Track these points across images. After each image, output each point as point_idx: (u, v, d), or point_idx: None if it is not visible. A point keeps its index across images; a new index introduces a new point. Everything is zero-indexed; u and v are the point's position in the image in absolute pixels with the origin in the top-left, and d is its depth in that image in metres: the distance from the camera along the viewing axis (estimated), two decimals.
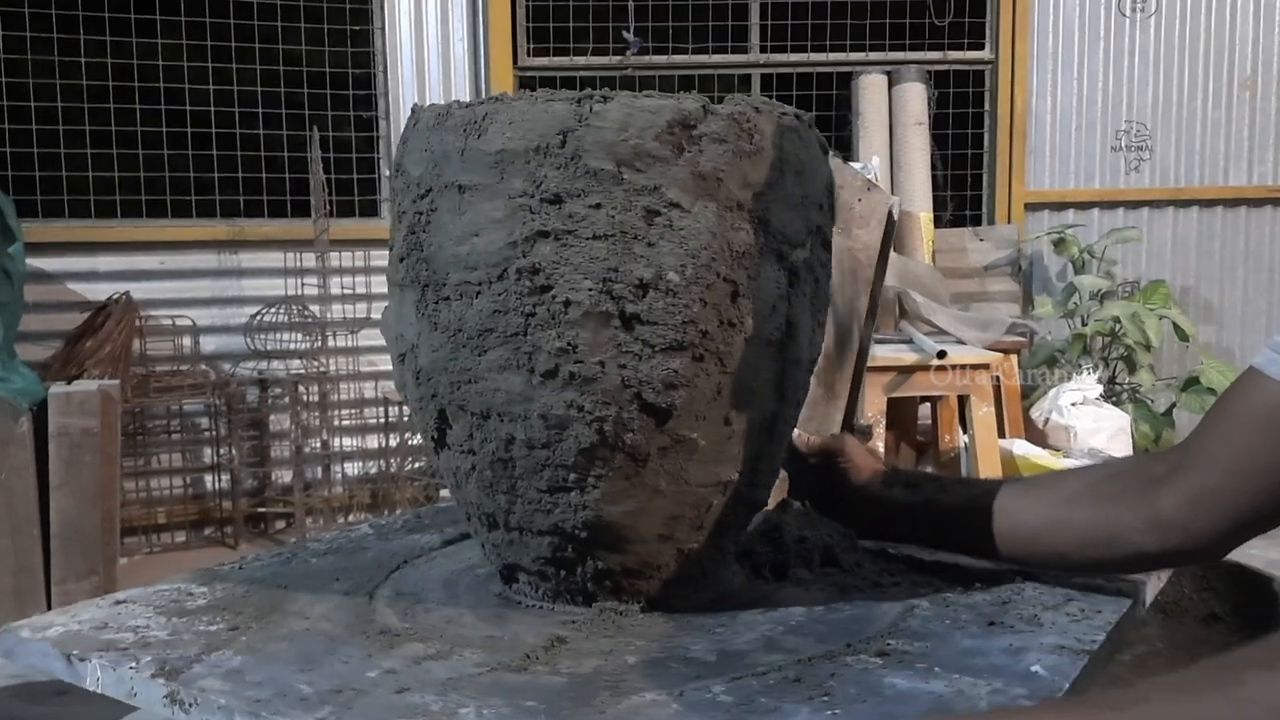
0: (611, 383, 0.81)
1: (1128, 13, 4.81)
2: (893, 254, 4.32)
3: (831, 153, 1.52)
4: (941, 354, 3.33)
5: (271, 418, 4.33)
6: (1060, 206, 4.86)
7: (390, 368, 1.00)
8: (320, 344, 4.23)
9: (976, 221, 4.93)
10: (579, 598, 0.91)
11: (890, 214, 1.46)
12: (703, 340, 0.82)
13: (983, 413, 3.34)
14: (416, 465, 4.21)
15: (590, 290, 0.80)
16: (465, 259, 0.83)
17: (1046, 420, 4.10)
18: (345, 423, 4.37)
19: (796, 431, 1.04)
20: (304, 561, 1.05)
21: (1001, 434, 3.76)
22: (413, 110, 0.90)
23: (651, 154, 0.80)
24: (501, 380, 0.83)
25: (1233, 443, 0.79)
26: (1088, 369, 4.24)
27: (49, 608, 3.26)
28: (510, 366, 0.83)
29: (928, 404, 3.96)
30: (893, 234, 1.45)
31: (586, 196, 0.80)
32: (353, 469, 4.44)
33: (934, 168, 4.72)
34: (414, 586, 0.97)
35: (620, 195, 0.80)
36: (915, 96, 4.65)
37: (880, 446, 3.32)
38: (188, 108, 4.28)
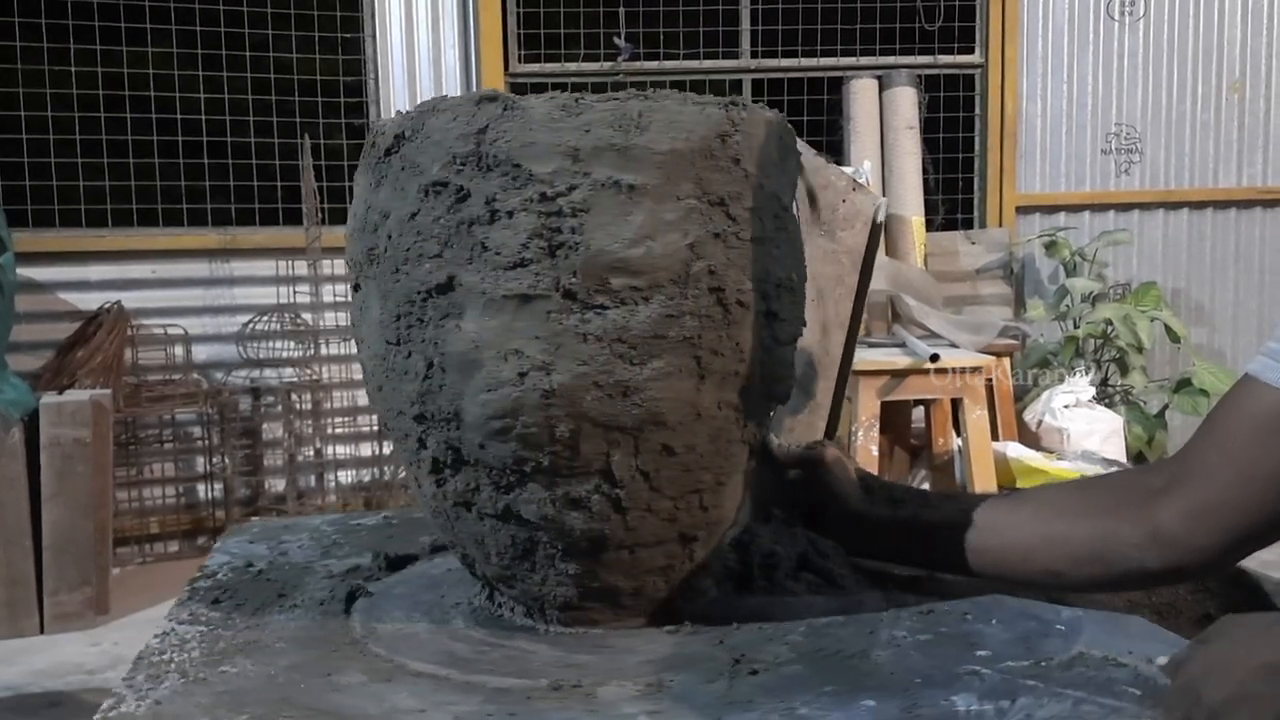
0: (757, 379, 0.85)
1: (1116, 16, 4.83)
2: (885, 258, 4.35)
3: (816, 153, 1.51)
4: (934, 357, 3.33)
5: (264, 426, 4.32)
6: (1051, 209, 4.87)
7: None
8: (313, 352, 4.22)
9: (968, 225, 4.94)
10: (654, 611, 0.89)
11: (876, 216, 1.42)
12: (800, 334, 0.90)
13: (976, 416, 3.35)
14: None
15: (752, 291, 0.83)
16: (636, 263, 0.79)
17: (1040, 423, 4.11)
18: (338, 430, 4.36)
19: (776, 441, 1.01)
20: (217, 673, 0.81)
21: (995, 437, 3.77)
22: (496, 98, 0.81)
23: (773, 162, 0.86)
24: (667, 388, 0.81)
25: (1231, 453, 0.77)
26: (1080, 371, 4.26)
27: (41, 619, 3.24)
28: (678, 373, 0.81)
29: (921, 407, 3.97)
30: (879, 237, 1.40)
31: (743, 200, 0.82)
32: (346, 477, 4.42)
33: (925, 171, 4.73)
34: (430, 654, 0.84)
35: (763, 200, 0.84)
36: (906, 100, 4.66)
37: (874, 450, 3.33)
38: (178, 116, 4.27)
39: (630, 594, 0.88)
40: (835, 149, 4.74)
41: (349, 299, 1.01)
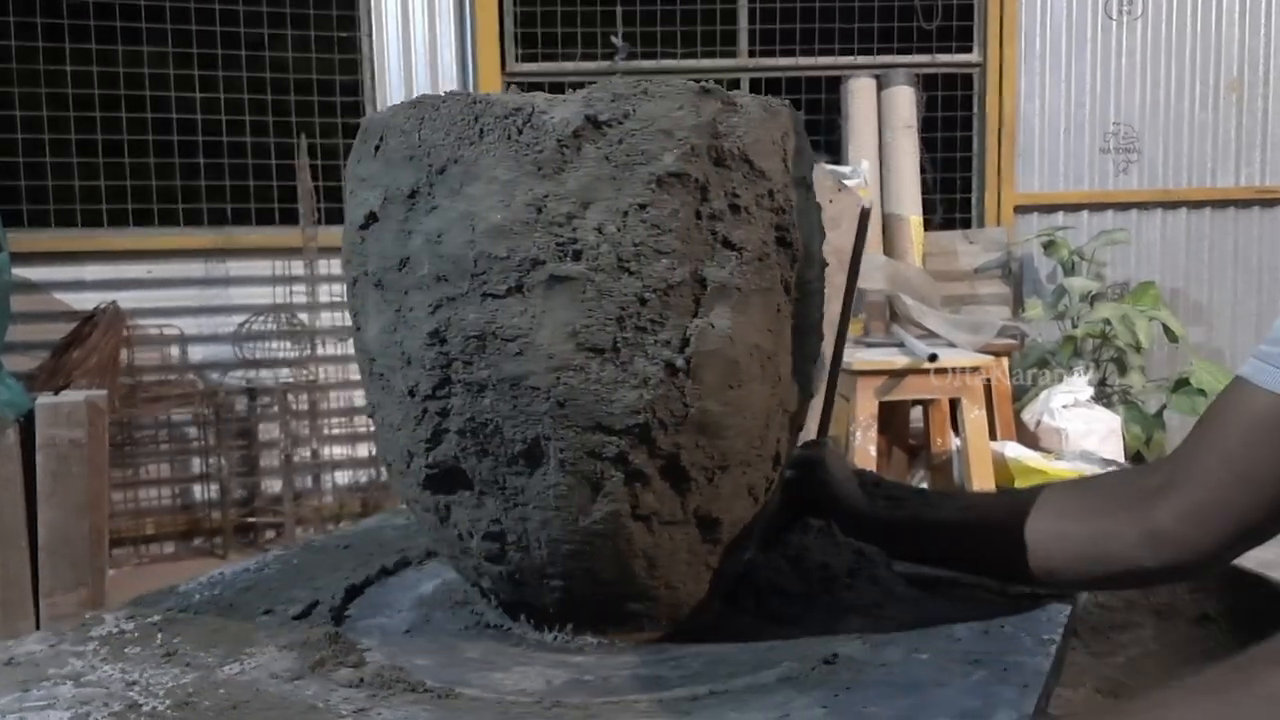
0: None
1: (1114, 15, 4.83)
2: (883, 257, 4.35)
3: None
4: (933, 357, 3.33)
5: (260, 427, 4.31)
6: (1049, 209, 4.87)
7: None
8: (309, 352, 4.21)
9: (966, 224, 4.94)
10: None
11: (863, 216, 1.42)
12: None
13: (974, 415, 3.34)
14: None
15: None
16: (817, 255, 0.86)
17: (1038, 422, 4.10)
18: (335, 431, 4.35)
19: None
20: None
21: (993, 436, 3.76)
22: (711, 91, 0.80)
23: None
24: (811, 369, 0.87)
25: (1224, 455, 0.78)
26: (1078, 371, 4.25)
27: (37, 621, 3.23)
28: (812, 358, 0.88)
29: (919, 407, 3.96)
30: (865, 236, 1.40)
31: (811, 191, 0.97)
32: (343, 478, 4.41)
33: (923, 171, 4.73)
34: (636, 684, 0.79)
35: None
36: (904, 100, 4.65)
37: (872, 450, 3.32)
38: (174, 115, 4.26)
39: (728, 579, 0.90)
40: (833, 148, 4.73)
41: (346, 299, 0.95)
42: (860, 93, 4.68)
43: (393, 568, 1.08)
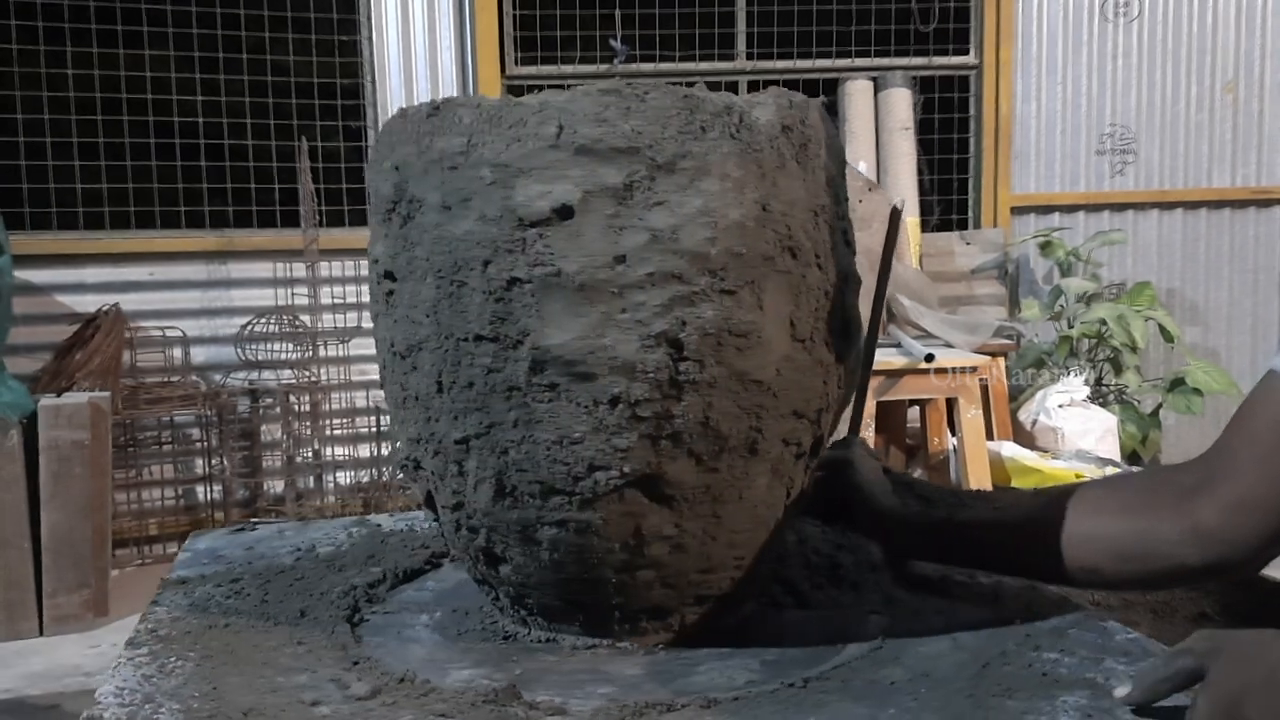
0: None
1: (1111, 17, 4.85)
2: None
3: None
4: (929, 357, 3.35)
5: (263, 428, 4.32)
6: (1046, 210, 4.89)
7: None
8: (311, 353, 4.23)
9: (963, 225, 4.95)
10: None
11: (895, 213, 1.42)
12: None
13: (971, 415, 3.36)
14: None
15: None
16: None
17: (1034, 422, 4.12)
18: (337, 432, 4.37)
19: None
20: None
21: (990, 436, 3.78)
22: (822, 105, 0.88)
23: None
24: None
25: (1261, 449, 0.76)
26: (1074, 371, 4.27)
27: (40, 621, 3.24)
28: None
29: (916, 407, 3.98)
30: (897, 235, 1.41)
31: None
32: (345, 478, 4.43)
33: (920, 173, 4.75)
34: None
35: None
36: (901, 102, 4.68)
37: None
38: (175, 118, 4.27)
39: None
40: None
41: (348, 300, 0.95)
42: (857, 95, 4.70)
43: (356, 622, 0.94)
